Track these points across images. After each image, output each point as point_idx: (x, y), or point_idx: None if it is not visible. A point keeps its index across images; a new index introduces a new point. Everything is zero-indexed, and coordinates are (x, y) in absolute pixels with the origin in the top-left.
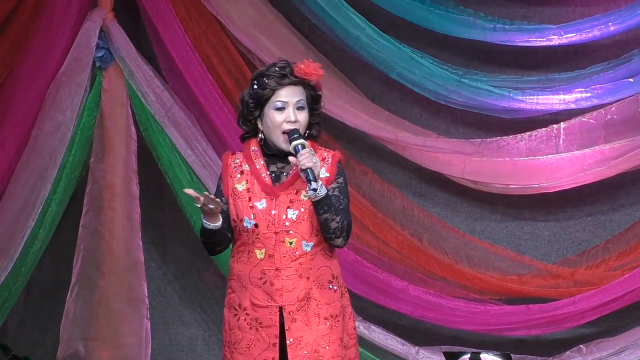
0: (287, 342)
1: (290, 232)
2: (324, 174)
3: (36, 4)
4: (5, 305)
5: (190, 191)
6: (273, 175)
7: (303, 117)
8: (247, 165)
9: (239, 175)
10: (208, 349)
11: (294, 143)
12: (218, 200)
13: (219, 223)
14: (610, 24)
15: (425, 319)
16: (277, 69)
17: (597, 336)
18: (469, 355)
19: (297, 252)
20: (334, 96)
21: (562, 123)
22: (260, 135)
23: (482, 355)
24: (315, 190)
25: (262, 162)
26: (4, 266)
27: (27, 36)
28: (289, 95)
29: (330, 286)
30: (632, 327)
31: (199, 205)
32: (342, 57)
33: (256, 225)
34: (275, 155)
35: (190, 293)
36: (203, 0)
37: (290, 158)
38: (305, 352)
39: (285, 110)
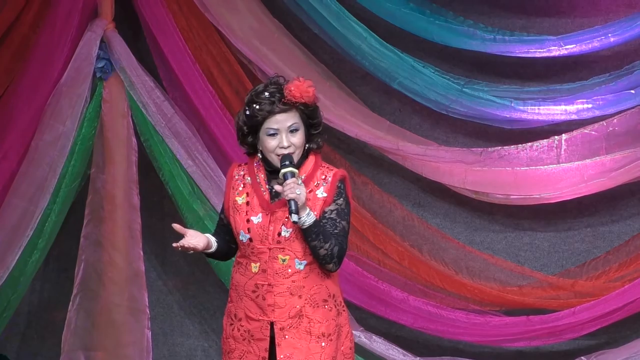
0: (278, 358)
1: (284, 249)
2: (322, 194)
3: (37, 15)
4: (3, 315)
5: (177, 226)
6: (273, 191)
7: (297, 139)
8: (249, 178)
9: (240, 188)
10: None
11: (282, 171)
12: (193, 245)
13: (212, 249)
14: (609, 35)
15: (426, 330)
16: (267, 94)
17: (597, 348)
18: None
19: (289, 270)
20: (334, 106)
21: (563, 134)
22: (259, 155)
23: None
24: (295, 222)
25: (262, 176)
26: (0, 275)
27: (29, 47)
28: (280, 122)
29: (326, 305)
30: (633, 338)
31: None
32: (342, 68)
33: (250, 240)
34: (275, 171)
35: (189, 303)
36: (203, 10)
37: (277, 187)
38: None
39: (278, 136)
